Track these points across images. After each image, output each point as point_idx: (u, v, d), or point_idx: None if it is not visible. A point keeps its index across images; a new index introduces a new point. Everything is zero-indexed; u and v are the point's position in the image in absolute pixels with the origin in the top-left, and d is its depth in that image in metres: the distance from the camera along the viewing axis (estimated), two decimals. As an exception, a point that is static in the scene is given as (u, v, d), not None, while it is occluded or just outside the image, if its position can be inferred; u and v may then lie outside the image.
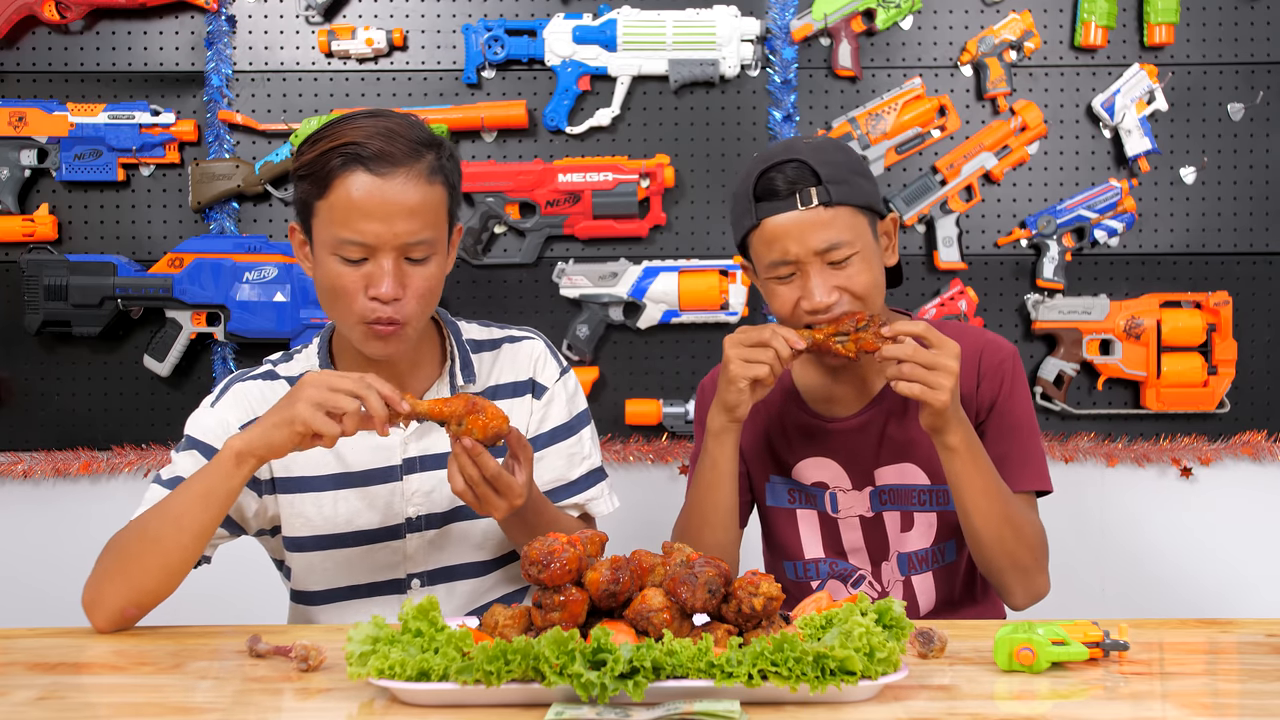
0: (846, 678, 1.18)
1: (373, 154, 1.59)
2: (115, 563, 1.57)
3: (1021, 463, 1.80)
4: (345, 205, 1.59)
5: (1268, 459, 2.74)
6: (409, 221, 1.60)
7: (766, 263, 1.74)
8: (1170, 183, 2.74)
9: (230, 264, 2.63)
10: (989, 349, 1.83)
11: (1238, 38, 2.73)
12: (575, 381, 1.85)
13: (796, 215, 1.70)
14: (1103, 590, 2.75)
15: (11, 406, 2.72)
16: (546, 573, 1.29)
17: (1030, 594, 1.78)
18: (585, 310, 2.69)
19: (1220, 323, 2.70)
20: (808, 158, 1.72)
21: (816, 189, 1.70)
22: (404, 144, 1.60)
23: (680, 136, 2.73)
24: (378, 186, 1.59)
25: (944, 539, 1.83)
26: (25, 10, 2.66)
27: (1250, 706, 1.27)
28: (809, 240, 1.70)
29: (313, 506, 1.72)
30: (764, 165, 1.74)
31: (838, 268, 1.71)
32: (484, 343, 1.82)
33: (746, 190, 1.74)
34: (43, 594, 2.68)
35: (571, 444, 1.81)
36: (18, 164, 2.69)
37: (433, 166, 1.63)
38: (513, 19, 2.72)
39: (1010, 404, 1.81)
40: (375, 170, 1.59)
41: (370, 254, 1.61)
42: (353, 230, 1.59)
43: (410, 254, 1.62)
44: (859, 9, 2.68)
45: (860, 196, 1.74)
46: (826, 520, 1.86)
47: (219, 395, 1.74)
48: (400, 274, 1.61)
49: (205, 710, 1.24)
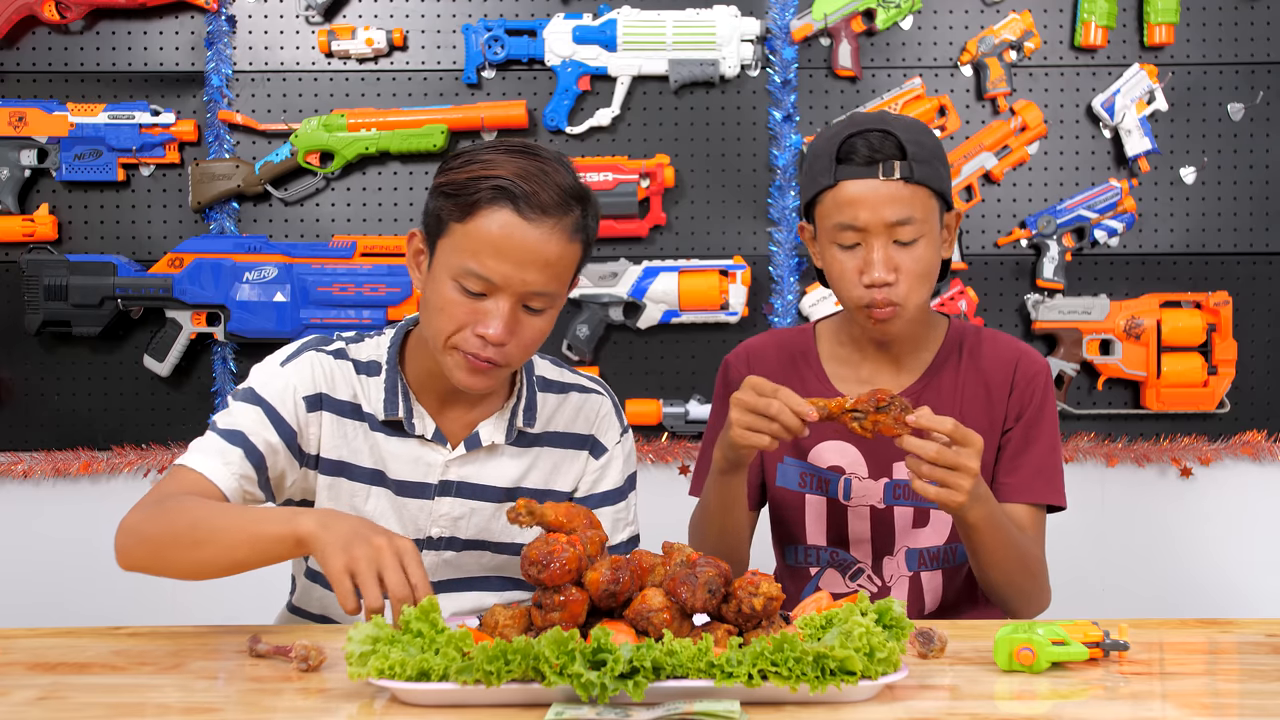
0: (846, 678, 1.18)
1: (525, 195, 1.55)
2: (159, 530, 1.56)
3: (1039, 476, 1.81)
4: (482, 237, 1.55)
5: (1268, 459, 2.74)
6: (540, 273, 1.57)
7: (834, 223, 1.74)
8: (1170, 183, 2.74)
9: (230, 264, 2.63)
10: (1024, 359, 1.84)
11: (1238, 38, 2.73)
12: (632, 444, 1.84)
13: (875, 184, 1.71)
14: (1103, 590, 2.75)
15: (11, 406, 2.73)
16: (546, 573, 1.29)
17: (1032, 612, 1.81)
18: (585, 310, 2.69)
19: (1220, 323, 2.70)
20: (897, 131, 1.73)
21: (900, 163, 1.71)
22: (557, 194, 1.57)
23: (680, 136, 2.73)
24: (521, 230, 1.55)
25: (957, 539, 1.83)
26: (25, 10, 2.66)
27: (1250, 706, 1.27)
28: (883, 211, 1.70)
29: (346, 493, 1.71)
30: (853, 129, 1.74)
31: (902, 246, 1.72)
32: (553, 383, 1.79)
33: (830, 150, 1.73)
34: (43, 594, 2.69)
35: (620, 509, 1.80)
36: (18, 164, 2.69)
37: (577, 224, 1.60)
38: (513, 19, 2.72)
39: (1039, 417, 1.82)
40: (523, 213, 1.55)
41: (491, 292, 1.57)
42: (481, 265, 1.55)
43: (530, 303, 1.59)
44: (859, 9, 2.68)
45: (939, 181, 1.75)
46: (835, 507, 1.86)
47: (292, 356, 1.69)
48: (514, 321, 1.58)
49: (205, 710, 1.24)
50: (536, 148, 1.62)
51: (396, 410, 1.67)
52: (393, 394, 1.68)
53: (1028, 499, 1.80)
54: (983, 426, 1.79)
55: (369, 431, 1.69)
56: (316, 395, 1.67)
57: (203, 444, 1.64)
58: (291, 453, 1.66)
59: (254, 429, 1.63)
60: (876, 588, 1.86)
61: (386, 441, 1.68)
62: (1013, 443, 1.81)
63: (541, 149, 1.62)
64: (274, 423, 1.64)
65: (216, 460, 1.60)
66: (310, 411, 1.67)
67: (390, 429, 1.69)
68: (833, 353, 1.89)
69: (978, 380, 1.83)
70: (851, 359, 1.87)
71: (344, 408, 1.69)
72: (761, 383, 1.63)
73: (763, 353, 1.92)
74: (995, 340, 1.85)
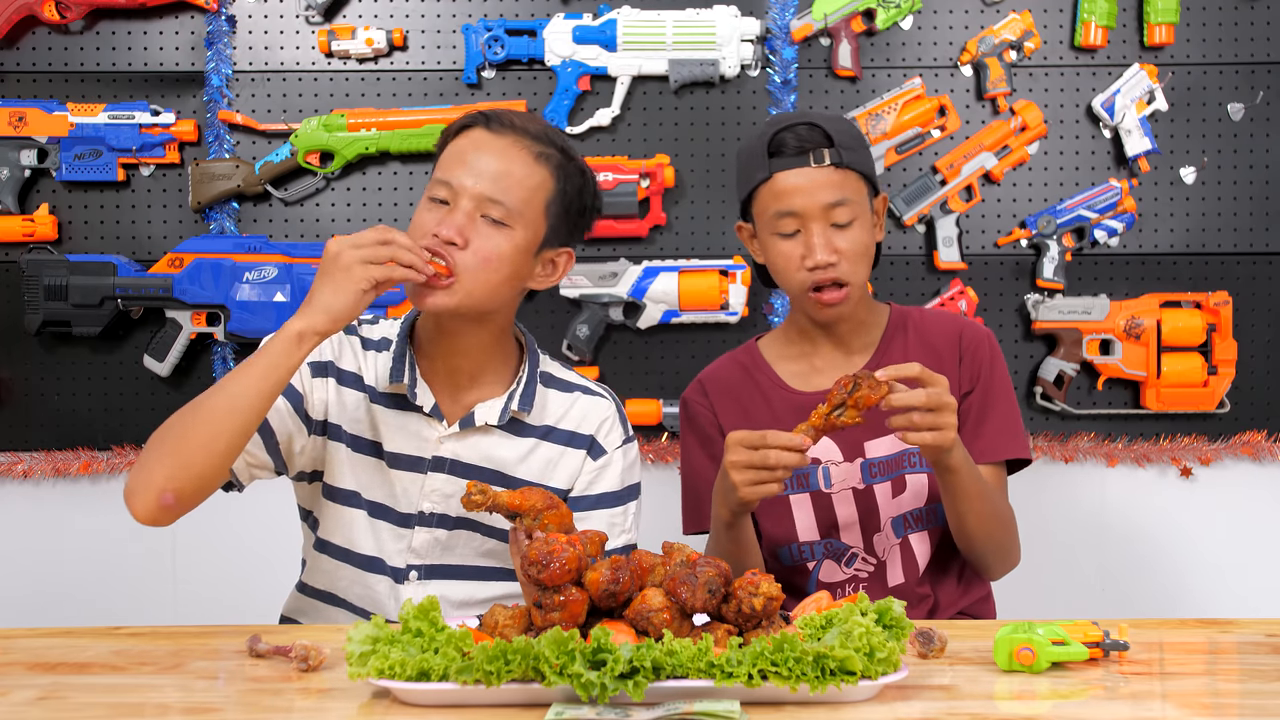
0: (846, 678, 1.18)
1: (496, 115, 1.69)
2: (164, 442, 1.57)
3: (1003, 434, 1.87)
4: (452, 152, 1.69)
5: (1268, 459, 2.74)
6: (496, 181, 1.66)
7: (772, 214, 1.82)
8: (1170, 183, 2.74)
9: (230, 264, 2.63)
10: (967, 330, 1.92)
11: (1238, 38, 2.73)
12: (636, 454, 1.84)
13: (809, 171, 1.80)
14: (1103, 590, 2.75)
15: (11, 406, 2.72)
16: (546, 573, 1.29)
17: (1007, 568, 1.88)
18: (585, 310, 2.69)
19: (1220, 323, 2.70)
20: (822, 123, 1.83)
21: (829, 150, 1.80)
22: (530, 122, 1.70)
23: (680, 136, 2.73)
24: (486, 140, 1.67)
25: (935, 499, 1.85)
26: (25, 10, 2.65)
27: (1250, 706, 1.27)
28: (818, 195, 1.79)
29: (347, 464, 1.74)
30: (779, 125, 1.83)
31: (839, 229, 1.81)
32: (561, 381, 1.81)
33: (760, 148, 1.83)
34: (43, 594, 2.69)
35: (616, 514, 1.80)
36: (18, 164, 2.69)
37: (545, 153, 1.68)
38: (513, 19, 2.72)
39: (992, 378, 1.89)
40: (491, 128, 1.68)
41: (452, 199, 1.66)
42: (445, 172, 1.67)
43: (487, 211, 1.65)
44: (859, 9, 2.68)
45: (865, 165, 1.85)
46: (820, 498, 1.87)
47: None
48: (468, 225, 1.65)
49: (205, 710, 1.24)
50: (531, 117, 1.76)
51: (402, 377, 1.71)
52: (400, 363, 1.72)
53: (998, 458, 1.86)
54: None
55: (369, 403, 1.73)
56: (324, 363, 1.73)
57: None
58: (299, 416, 1.71)
59: None
60: (873, 566, 1.88)
61: (384, 414, 1.72)
62: (974, 409, 1.87)
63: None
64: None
65: None
66: (316, 377, 1.72)
67: (390, 401, 1.73)
68: (781, 354, 1.95)
69: (926, 354, 1.88)
70: (801, 354, 1.93)
71: (347, 378, 1.74)
72: (745, 436, 1.63)
73: (715, 379, 1.97)
74: (937, 316, 1.97)
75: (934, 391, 1.61)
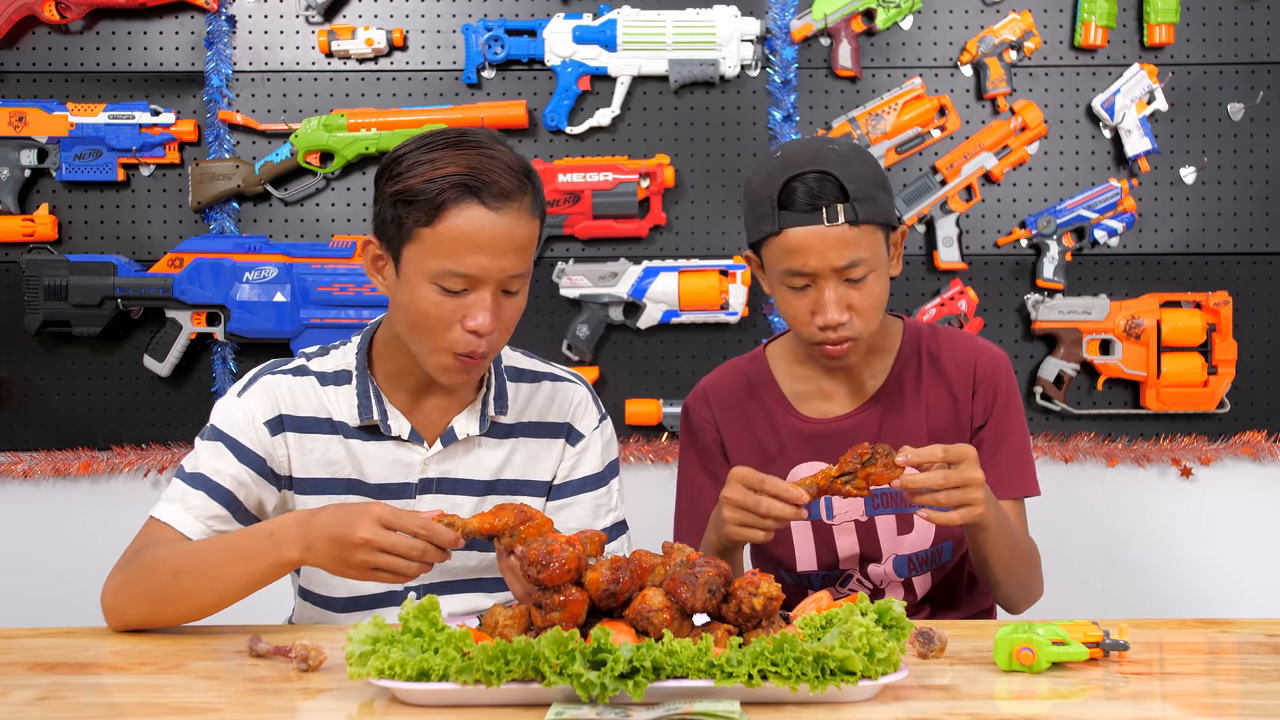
0: (846, 678, 1.18)
1: (485, 186, 1.56)
2: (144, 590, 1.57)
3: (1016, 469, 1.82)
4: (456, 237, 1.56)
5: (1268, 459, 2.74)
6: (514, 257, 1.59)
7: (782, 269, 1.73)
8: (1170, 183, 2.74)
9: (230, 264, 2.63)
10: (982, 357, 1.84)
11: (1238, 38, 2.73)
12: (611, 431, 1.83)
13: (821, 230, 1.68)
14: (1103, 590, 2.75)
15: (11, 406, 2.72)
16: (546, 573, 1.29)
17: (1030, 602, 1.83)
18: (585, 310, 2.69)
19: (1220, 323, 2.70)
20: (836, 171, 1.70)
21: (843, 206, 1.68)
22: (511, 177, 1.59)
23: (680, 136, 2.73)
24: (491, 220, 1.56)
25: (941, 539, 1.83)
26: (25, 10, 2.66)
27: (1250, 706, 1.27)
28: (830, 257, 1.69)
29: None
30: (791, 173, 1.70)
31: (853, 285, 1.71)
32: (525, 372, 1.79)
33: (770, 195, 1.71)
34: (43, 594, 2.69)
35: (600, 495, 1.79)
36: (18, 164, 2.69)
37: (534, 200, 1.62)
38: (513, 19, 2.72)
39: (1005, 413, 1.82)
40: (488, 204, 1.56)
41: (473, 286, 1.59)
42: (460, 263, 1.57)
43: (508, 286, 1.61)
44: (859, 9, 2.68)
45: (882, 214, 1.72)
46: (820, 529, 1.85)
47: (247, 385, 1.71)
48: (498, 308, 1.60)
49: (205, 710, 1.24)
50: (470, 133, 1.64)
51: (371, 414, 1.68)
52: (365, 399, 1.69)
53: (1010, 494, 1.80)
54: (951, 427, 1.81)
55: (344, 440, 1.69)
56: (277, 418, 1.68)
57: (169, 492, 1.66)
58: (265, 478, 1.67)
59: (215, 467, 1.64)
60: (869, 590, 1.86)
61: (363, 447, 1.69)
62: (986, 442, 1.80)
63: (475, 133, 1.64)
64: (238, 454, 1.65)
65: (178, 508, 1.63)
66: (274, 435, 1.68)
67: (365, 434, 1.70)
68: (790, 373, 1.88)
69: (940, 382, 1.83)
70: (811, 376, 1.87)
71: (308, 424, 1.69)
72: (747, 474, 1.60)
73: (720, 388, 1.91)
74: (952, 340, 1.85)
75: (953, 473, 1.54)
